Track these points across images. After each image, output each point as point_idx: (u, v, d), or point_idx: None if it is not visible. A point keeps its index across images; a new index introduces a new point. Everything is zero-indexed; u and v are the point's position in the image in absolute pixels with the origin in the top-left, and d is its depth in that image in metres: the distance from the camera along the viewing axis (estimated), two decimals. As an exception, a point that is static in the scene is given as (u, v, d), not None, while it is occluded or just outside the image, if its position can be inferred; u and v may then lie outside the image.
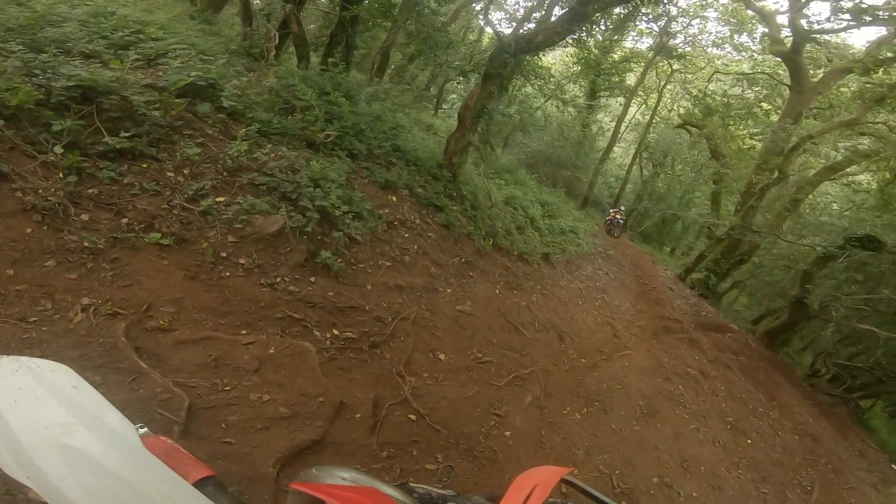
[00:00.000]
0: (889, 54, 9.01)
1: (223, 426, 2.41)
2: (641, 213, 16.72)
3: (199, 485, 0.80)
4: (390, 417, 3.06)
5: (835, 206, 12.45)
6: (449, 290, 4.83)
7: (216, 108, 4.10)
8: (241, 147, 3.80)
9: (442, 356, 3.94)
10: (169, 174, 3.37)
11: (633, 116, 19.55)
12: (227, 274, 3.12)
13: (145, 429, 0.85)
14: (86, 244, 2.70)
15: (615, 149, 18.30)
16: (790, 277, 10.52)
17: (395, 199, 5.10)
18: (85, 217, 2.82)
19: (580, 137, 16.59)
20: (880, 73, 9.30)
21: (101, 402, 0.83)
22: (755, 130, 14.59)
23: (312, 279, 3.50)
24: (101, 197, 2.95)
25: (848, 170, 11.16)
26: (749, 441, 6.23)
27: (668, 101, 18.48)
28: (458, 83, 13.92)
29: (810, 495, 5.79)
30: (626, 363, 6.29)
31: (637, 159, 18.02)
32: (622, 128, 17.03)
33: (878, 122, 9.76)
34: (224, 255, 3.20)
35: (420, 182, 5.70)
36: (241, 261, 3.22)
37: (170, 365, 2.54)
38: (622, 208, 14.98)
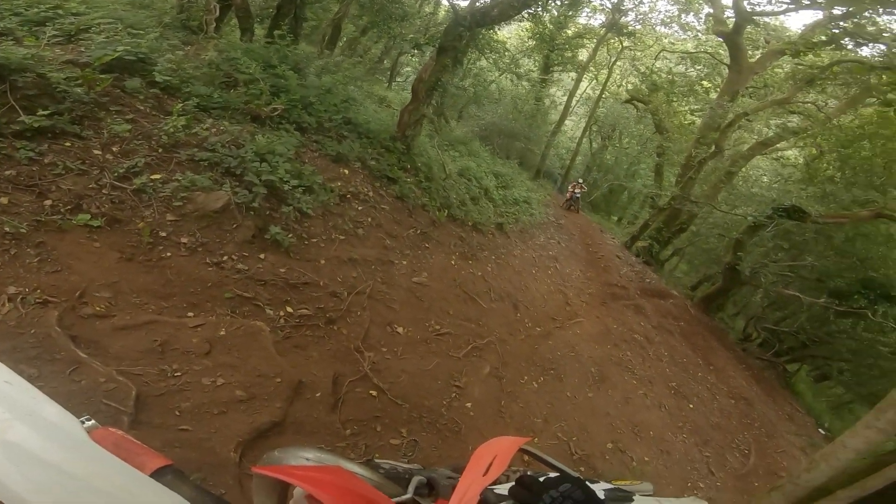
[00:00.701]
0: (823, 38, 9.49)
1: (177, 413, 2.33)
2: (591, 185, 17.33)
3: (157, 475, 0.78)
4: (351, 394, 3.05)
5: (765, 179, 13.38)
6: (404, 262, 4.81)
7: (148, 83, 3.88)
8: (177, 122, 3.61)
9: (400, 329, 3.95)
10: (96, 152, 3.12)
11: (584, 91, 19.99)
12: (168, 254, 2.95)
13: (92, 421, 0.80)
14: (7, 229, 2.48)
15: (567, 122, 18.75)
16: (724, 245, 11.28)
17: (347, 172, 4.99)
18: (3, 200, 2.58)
19: (533, 111, 16.80)
20: (811, 56, 9.90)
21: (38, 395, 0.78)
22: (696, 107, 15.30)
23: (262, 256, 3.38)
24: (20, 178, 2.72)
25: (778, 145, 12.01)
26: (691, 406, 6.62)
27: (618, 77, 18.96)
28: (412, 56, 13.56)
29: (748, 459, 6.19)
30: (577, 330, 6.51)
31: (587, 132, 18.55)
32: (573, 102, 17.36)
33: (808, 102, 10.50)
34: (163, 234, 3.02)
35: (373, 154, 5.61)
36: (183, 240, 3.05)
37: (111, 353, 2.40)
38: (581, 181, 14.98)
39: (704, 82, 15.27)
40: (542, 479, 0.92)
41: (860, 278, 8.92)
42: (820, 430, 9.22)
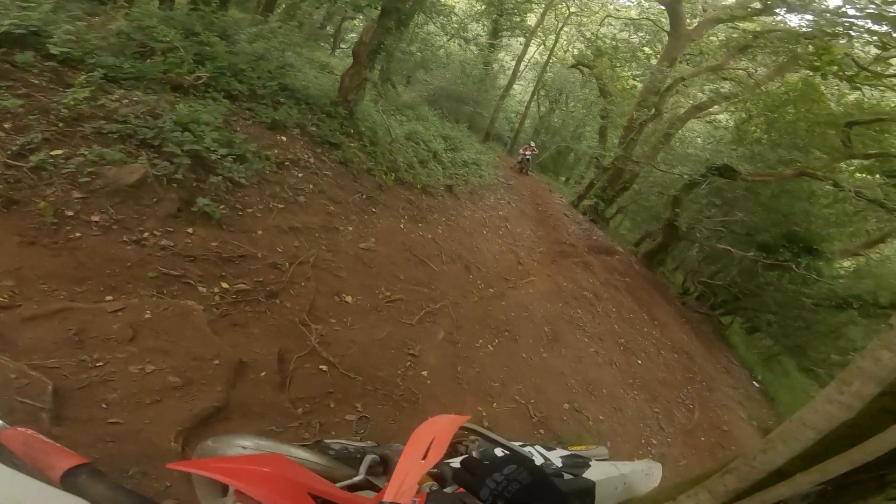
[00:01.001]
0: (758, 5, 9.82)
1: (104, 406, 2.14)
2: (540, 147, 17.65)
3: (70, 475, 0.70)
4: (300, 371, 2.91)
5: (699, 141, 14.15)
6: (350, 228, 4.64)
7: (43, 56, 3.46)
8: (79, 94, 3.25)
9: (349, 298, 3.81)
10: (-17, 132, 2.70)
11: (532, 56, 20.02)
12: (78, 234, 2.65)
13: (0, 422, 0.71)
14: None
15: (515, 86, 18.77)
16: (663, 203, 11.86)
17: (285, 139, 4.71)
18: None
19: (482, 75, 16.65)
20: (745, 23, 10.29)
21: None
22: (637, 72, 15.73)
23: (190, 230, 3.13)
24: None
25: (711, 109, 12.64)
26: (639, 361, 6.81)
27: (565, 42, 19.08)
28: (357, 21, 12.85)
29: (693, 413, 6.42)
30: (530, 289, 6.55)
31: (535, 96, 18.71)
32: (522, 67, 17.34)
33: (739, 69, 11.02)
34: (70, 213, 2.70)
35: (313, 120, 5.34)
36: (94, 218, 2.75)
37: (20, 346, 2.16)
38: (532, 143, 15.02)
39: (646, 49, 15.65)
40: (486, 462, 0.88)
41: (785, 233, 9.61)
42: (754, 382, 9.79)
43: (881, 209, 8.63)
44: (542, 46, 19.46)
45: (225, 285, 3.01)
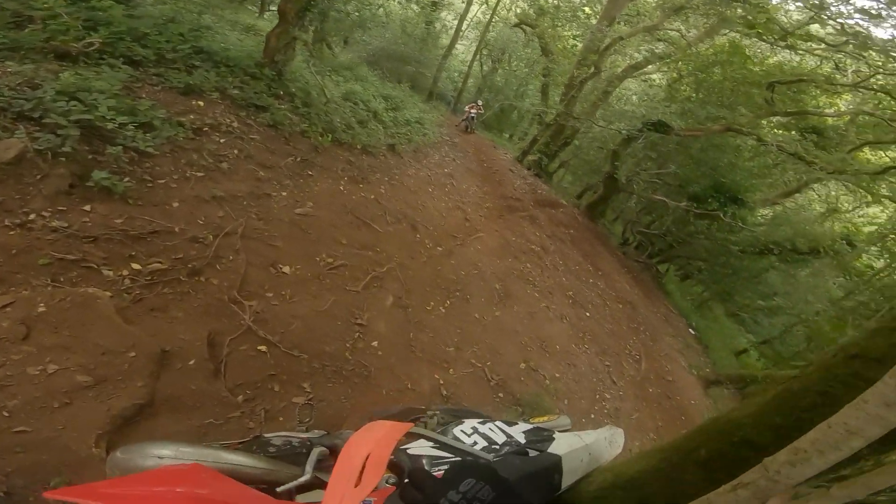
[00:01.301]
0: None
1: (5, 414, 1.89)
2: (484, 105, 17.66)
3: None
4: (235, 354, 2.68)
5: (634, 98, 14.57)
6: (284, 194, 4.32)
7: None
8: None
9: (286, 269, 3.55)
10: None
11: (475, 15, 19.53)
12: (-55, 222, 2.24)
13: None
14: None
15: (458, 46, 18.33)
16: (603, 157, 12.25)
17: (202, 103, 4.26)
18: None
19: (424, 35, 16.20)
20: None
21: None
22: (577, 32, 15.81)
23: (87, 207, 2.75)
24: None
25: (646, 69, 13.03)
26: (588, 314, 6.91)
27: (507, 1, 18.73)
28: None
29: (640, 364, 6.60)
30: (478, 246, 6.49)
31: (478, 56, 18.42)
32: (464, 26, 16.86)
33: (673, 30, 11.31)
34: (-68, 199, 2.26)
35: (234, 83, 4.89)
36: (-35, 202, 2.33)
37: None
38: (480, 102, 14.74)
39: (586, 9, 15.68)
40: (437, 473, 0.77)
41: (713, 184, 10.19)
42: (690, 329, 10.38)
43: (800, 161, 9.32)
44: (485, 5, 19.01)
45: (136, 266, 2.69)
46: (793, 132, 10.54)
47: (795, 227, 11.15)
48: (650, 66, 12.76)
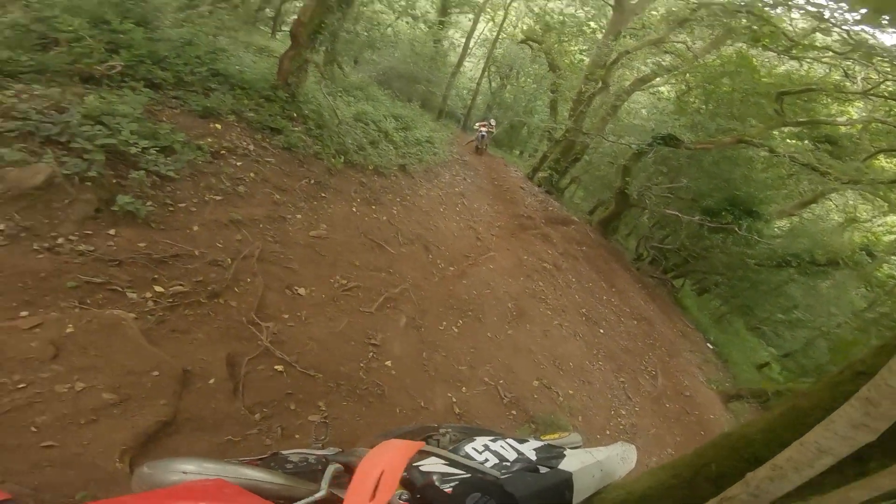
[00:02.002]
0: None
1: (33, 430, 1.94)
2: (494, 123, 17.78)
3: None
4: (253, 374, 2.74)
5: (643, 112, 14.55)
6: (299, 216, 4.40)
7: None
8: None
9: (302, 291, 3.62)
10: None
11: (482, 33, 19.85)
12: (-22, 246, 2.33)
13: None
14: None
15: (466, 63, 18.60)
16: (614, 172, 12.16)
17: (219, 126, 4.38)
18: None
19: (432, 53, 16.31)
20: None
21: None
22: (584, 47, 15.92)
23: (112, 231, 2.84)
24: None
25: (654, 81, 13.01)
26: (602, 331, 6.83)
27: (514, 18, 19.00)
28: (299, 2, 12.14)
29: (657, 380, 6.51)
30: (491, 265, 6.48)
31: (486, 72, 18.66)
32: (472, 43, 17.15)
33: (679, 42, 11.36)
34: (-35, 223, 2.36)
35: (250, 106, 5.00)
36: (-2, 226, 2.42)
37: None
38: (492, 121, 14.50)
39: (591, 23, 15.83)
40: (447, 489, 0.79)
41: (726, 196, 10.04)
42: (708, 344, 10.20)
43: (813, 172, 9.19)
44: (492, 23, 19.33)
45: (159, 289, 2.76)
46: (805, 142, 10.43)
47: (813, 239, 10.94)
48: (658, 79, 12.75)
